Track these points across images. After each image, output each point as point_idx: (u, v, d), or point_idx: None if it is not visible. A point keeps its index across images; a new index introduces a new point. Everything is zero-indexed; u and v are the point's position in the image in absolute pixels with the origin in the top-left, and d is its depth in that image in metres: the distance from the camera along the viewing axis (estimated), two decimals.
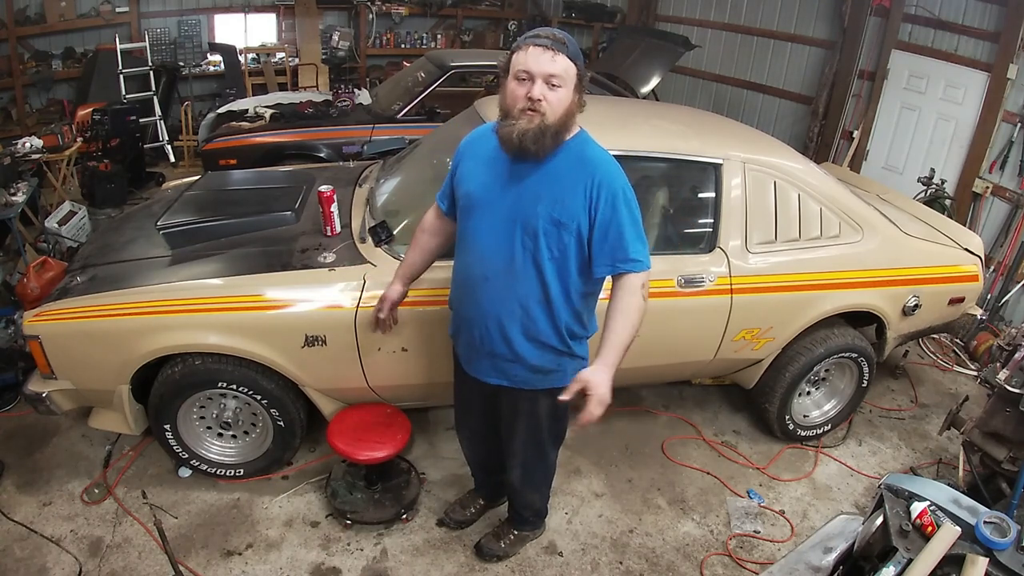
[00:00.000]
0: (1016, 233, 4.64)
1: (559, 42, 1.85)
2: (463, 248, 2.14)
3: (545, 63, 1.83)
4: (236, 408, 2.81)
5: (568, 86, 1.87)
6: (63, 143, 5.62)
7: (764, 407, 3.34)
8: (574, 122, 1.97)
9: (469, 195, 2.07)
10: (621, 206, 1.93)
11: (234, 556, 2.63)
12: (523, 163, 1.95)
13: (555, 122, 1.87)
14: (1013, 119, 4.66)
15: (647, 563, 2.76)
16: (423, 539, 2.76)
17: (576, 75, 1.88)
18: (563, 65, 1.85)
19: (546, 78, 1.84)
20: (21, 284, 3.68)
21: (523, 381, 2.15)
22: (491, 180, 2.02)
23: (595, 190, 1.92)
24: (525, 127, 1.86)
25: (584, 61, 1.93)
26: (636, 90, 5.66)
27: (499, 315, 2.06)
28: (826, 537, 1.97)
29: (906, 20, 5.39)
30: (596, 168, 1.94)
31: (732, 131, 3.42)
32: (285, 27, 7.74)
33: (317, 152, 4.85)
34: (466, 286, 2.13)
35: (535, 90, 1.84)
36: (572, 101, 1.89)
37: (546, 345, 2.09)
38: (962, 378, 4.20)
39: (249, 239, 2.90)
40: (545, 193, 1.94)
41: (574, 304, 2.07)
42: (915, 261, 3.26)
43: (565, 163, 1.95)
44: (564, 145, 1.95)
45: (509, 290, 2.02)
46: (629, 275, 1.96)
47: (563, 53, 1.85)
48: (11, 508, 2.76)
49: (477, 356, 2.19)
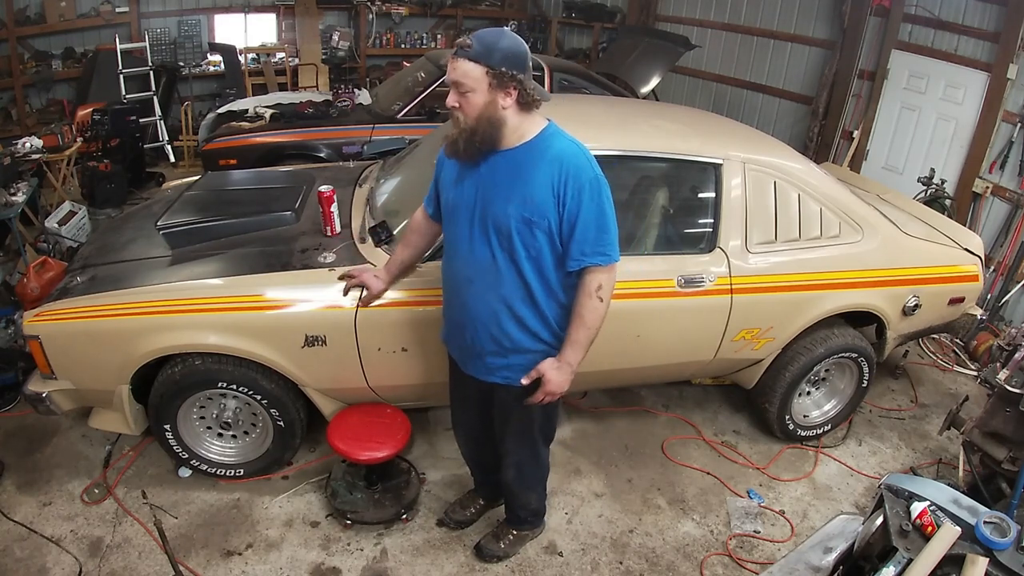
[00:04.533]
0: (1016, 233, 4.64)
1: (464, 47, 1.85)
2: (448, 252, 2.18)
3: (450, 72, 1.89)
4: (236, 408, 2.81)
5: (478, 88, 1.86)
6: (63, 143, 5.63)
7: (764, 407, 3.34)
8: (519, 120, 1.93)
9: (447, 201, 2.13)
10: (587, 199, 1.93)
11: (234, 556, 2.63)
12: (484, 164, 1.98)
13: (473, 125, 1.90)
14: (1013, 119, 4.66)
15: (647, 563, 2.76)
16: (423, 539, 2.76)
17: (486, 74, 1.84)
18: (463, 70, 1.85)
19: (455, 86, 1.88)
20: (21, 284, 3.68)
21: (514, 379, 2.16)
22: (463, 185, 2.04)
23: (562, 186, 1.92)
24: (451, 133, 1.96)
25: (500, 58, 1.83)
26: (636, 90, 5.66)
27: (486, 316, 2.08)
28: (826, 537, 1.97)
29: (906, 20, 5.39)
30: (562, 162, 1.93)
31: (732, 131, 3.42)
32: (285, 27, 7.74)
33: (317, 152, 4.85)
34: (453, 289, 2.17)
35: (448, 98, 1.92)
36: (487, 102, 1.87)
37: (536, 340, 2.11)
38: (962, 378, 4.20)
39: (249, 239, 2.90)
40: (514, 194, 1.95)
41: (560, 299, 2.08)
42: (915, 261, 3.26)
43: (531, 160, 1.95)
44: (528, 143, 1.96)
45: (493, 291, 2.04)
46: (590, 272, 1.99)
47: (464, 57, 1.85)
48: (11, 508, 2.76)
49: (470, 357, 2.21)
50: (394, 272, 2.54)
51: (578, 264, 1.99)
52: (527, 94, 1.90)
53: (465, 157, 1.97)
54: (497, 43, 1.85)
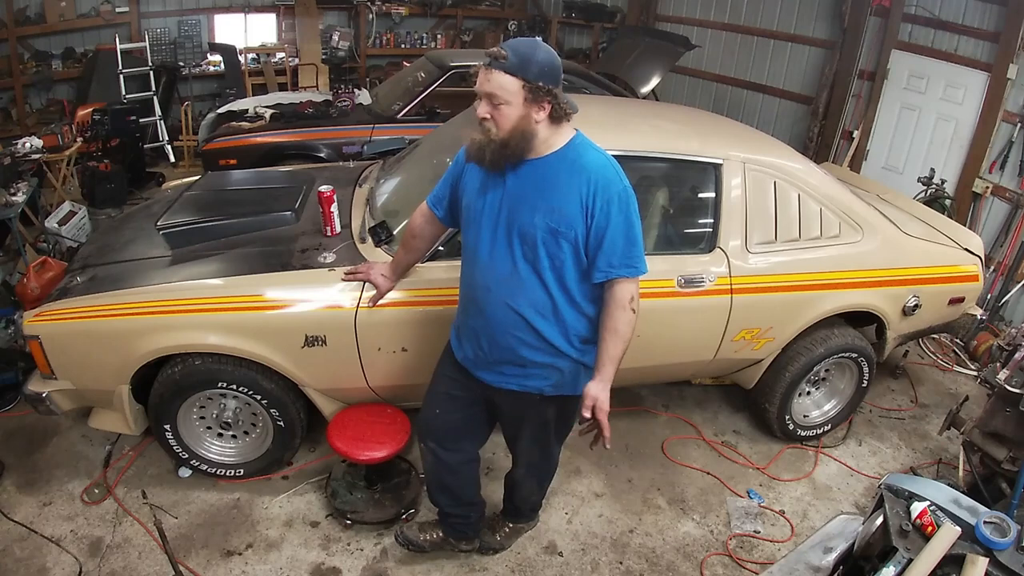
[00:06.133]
0: (1016, 233, 4.64)
1: (498, 58, 1.82)
2: (467, 259, 2.15)
3: (483, 83, 1.86)
4: (236, 408, 2.81)
5: (513, 101, 1.83)
6: (63, 143, 5.63)
7: (764, 407, 3.34)
8: (549, 132, 1.92)
9: (469, 207, 2.09)
10: (615, 212, 1.92)
11: (234, 556, 2.63)
12: (511, 173, 1.96)
13: (504, 137, 1.88)
14: (1013, 119, 4.66)
15: (647, 563, 2.76)
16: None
17: (522, 88, 1.82)
18: (498, 83, 1.82)
19: (488, 98, 1.86)
20: (21, 284, 3.68)
21: (532, 387, 2.14)
22: (488, 192, 2.02)
23: (590, 198, 1.91)
24: (480, 139, 1.92)
25: (537, 71, 1.81)
26: (636, 90, 5.65)
27: (504, 324, 2.05)
28: (826, 537, 1.97)
29: (906, 20, 5.39)
30: (591, 174, 1.92)
31: (732, 131, 3.42)
32: (285, 27, 7.74)
33: (317, 152, 4.84)
34: (471, 296, 2.13)
35: (479, 109, 1.89)
36: (521, 115, 1.85)
37: (554, 350, 2.08)
38: (962, 378, 4.20)
39: (249, 239, 2.90)
40: (541, 203, 1.94)
41: (583, 310, 2.05)
42: (915, 261, 3.26)
43: (559, 171, 1.94)
44: (557, 152, 1.95)
45: (513, 299, 2.02)
46: (620, 284, 1.97)
47: (500, 69, 1.82)
48: (11, 508, 2.76)
49: (484, 363, 2.17)
50: (398, 272, 2.54)
51: (605, 276, 1.97)
52: (560, 107, 1.89)
53: (491, 167, 1.95)
54: (533, 55, 1.83)
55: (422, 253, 2.53)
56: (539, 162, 1.95)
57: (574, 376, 2.13)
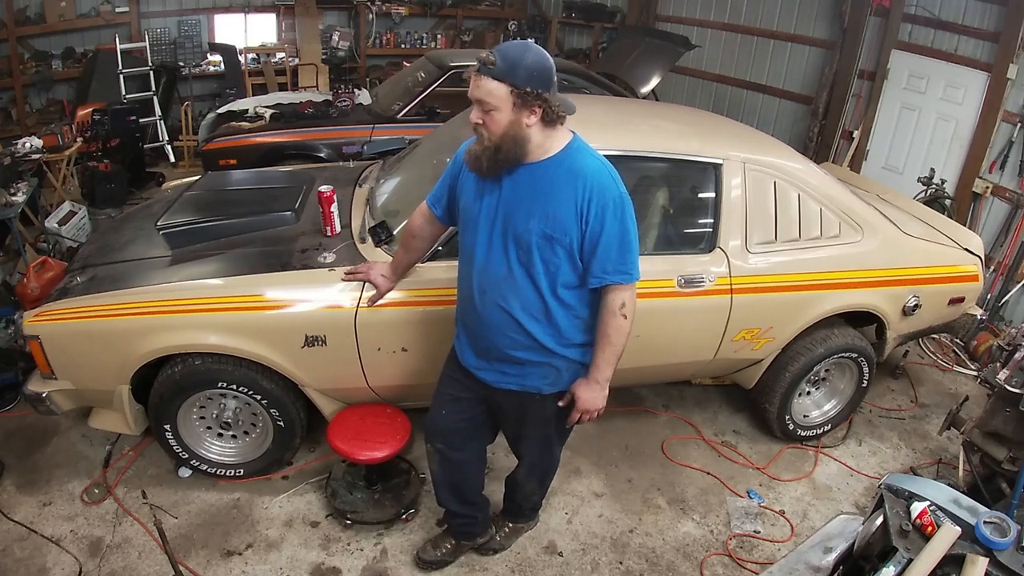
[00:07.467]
0: (1016, 233, 4.64)
1: (487, 64, 1.81)
2: (463, 260, 2.15)
3: (473, 89, 1.85)
4: (236, 408, 2.81)
5: (502, 107, 1.82)
6: (63, 143, 5.63)
7: (764, 407, 3.34)
8: (544, 136, 1.91)
9: (466, 209, 2.10)
10: (610, 218, 1.92)
11: (234, 556, 2.63)
12: (507, 178, 1.96)
13: (497, 142, 1.88)
14: (1013, 119, 4.66)
15: (647, 563, 2.76)
16: (423, 539, 2.75)
17: (510, 93, 1.81)
18: (487, 88, 1.81)
19: (478, 104, 1.86)
20: (21, 284, 3.68)
21: (530, 386, 2.15)
22: (485, 195, 2.02)
23: (585, 203, 1.91)
24: (476, 148, 1.94)
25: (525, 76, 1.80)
26: (636, 90, 5.65)
27: (498, 325, 2.06)
28: (826, 537, 1.97)
29: (906, 20, 5.39)
30: (587, 180, 1.91)
31: (732, 131, 3.42)
32: (285, 27, 7.74)
33: (317, 152, 4.84)
34: (468, 298, 2.14)
35: (472, 115, 1.89)
36: (511, 120, 1.84)
37: (548, 352, 2.08)
38: (962, 378, 4.20)
39: (249, 239, 2.90)
40: (537, 209, 1.94)
41: (577, 313, 2.06)
42: (915, 261, 3.26)
43: (555, 176, 1.94)
44: (553, 158, 1.94)
45: (506, 301, 2.03)
46: (613, 290, 1.98)
47: (488, 75, 1.81)
48: (11, 508, 2.76)
49: (485, 364, 2.18)
50: (398, 272, 2.55)
51: (599, 282, 1.98)
52: (552, 111, 1.87)
53: (488, 174, 1.96)
54: (522, 60, 1.81)
55: (422, 253, 2.53)
56: (535, 167, 1.95)
57: (573, 376, 2.14)
